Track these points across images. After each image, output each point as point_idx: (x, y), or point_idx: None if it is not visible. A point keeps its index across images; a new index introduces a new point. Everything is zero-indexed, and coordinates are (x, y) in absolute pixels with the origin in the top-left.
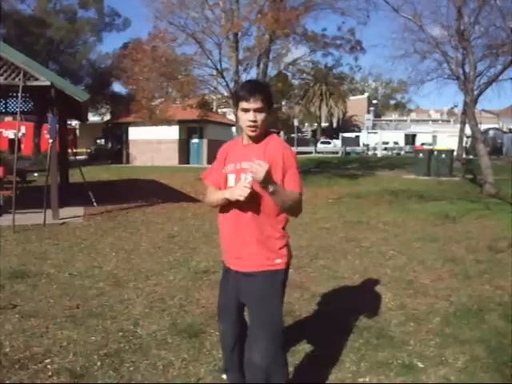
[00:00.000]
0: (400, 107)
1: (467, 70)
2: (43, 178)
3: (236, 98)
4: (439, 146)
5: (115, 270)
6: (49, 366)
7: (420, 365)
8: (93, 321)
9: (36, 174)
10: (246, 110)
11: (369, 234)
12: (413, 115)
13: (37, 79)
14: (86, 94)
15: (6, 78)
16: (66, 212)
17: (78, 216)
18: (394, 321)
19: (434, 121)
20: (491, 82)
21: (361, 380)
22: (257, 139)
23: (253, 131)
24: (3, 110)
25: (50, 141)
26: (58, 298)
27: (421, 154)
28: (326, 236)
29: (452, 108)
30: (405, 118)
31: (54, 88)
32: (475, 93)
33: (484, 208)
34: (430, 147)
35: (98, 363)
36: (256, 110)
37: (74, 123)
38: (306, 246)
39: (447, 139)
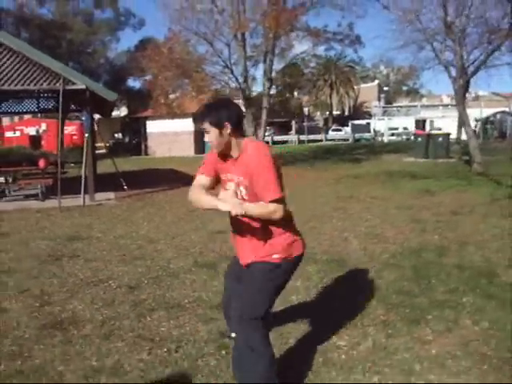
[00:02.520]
0: (412, 93)
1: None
2: (74, 170)
3: None
4: (447, 130)
5: (148, 234)
6: (112, 284)
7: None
8: (137, 261)
9: (72, 165)
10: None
11: (355, 205)
12: (424, 101)
13: (74, 83)
14: (114, 94)
15: (48, 84)
16: (99, 196)
17: (111, 199)
18: (354, 256)
19: (444, 106)
20: (477, 70)
21: (321, 286)
22: (230, 154)
23: (214, 148)
24: (31, 110)
25: (86, 135)
26: (109, 251)
27: (419, 138)
28: (319, 207)
29: None
30: (416, 103)
31: (88, 90)
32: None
33: (466, 184)
34: (439, 131)
35: (145, 282)
36: (205, 132)
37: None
38: (302, 214)
39: (454, 123)
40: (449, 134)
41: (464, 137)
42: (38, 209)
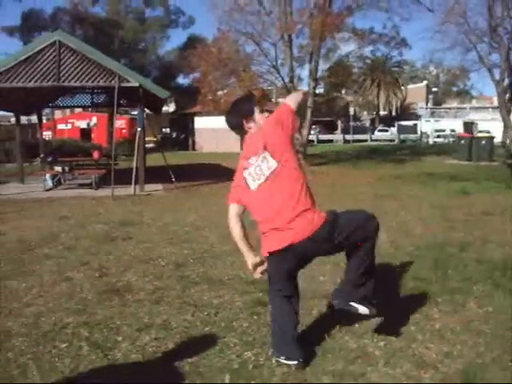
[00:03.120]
0: (462, 94)
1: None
2: (124, 162)
3: None
4: (496, 133)
5: (194, 221)
6: (161, 262)
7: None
8: (184, 244)
9: (124, 157)
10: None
11: (391, 202)
12: (474, 102)
13: (128, 81)
14: (166, 92)
15: (104, 81)
16: (148, 187)
17: (159, 190)
18: (380, 247)
19: (495, 108)
20: None
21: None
22: None
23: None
24: (84, 104)
25: (139, 129)
26: (158, 235)
27: (463, 141)
28: (355, 204)
29: None
30: (465, 105)
31: (141, 88)
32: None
33: (504, 187)
34: (488, 134)
35: (191, 261)
36: (253, 121)
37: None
38: (337, 208)
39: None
40: (492, 138)
41: None
42: (92, 196)
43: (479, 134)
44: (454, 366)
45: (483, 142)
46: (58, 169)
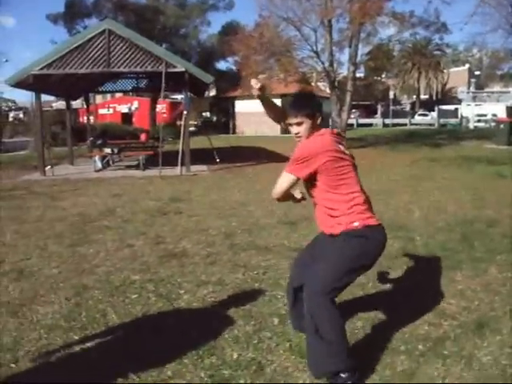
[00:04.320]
0: (506, 78)
1: None
2: (167, 145)
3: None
4: None
5: (239, 199)
6: (212, 232)
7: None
8: (231, 218)
9: (170, 139)
10: (290, 125)
11: (426, 183)
12: None
13: (175, 67)
14: (210, 77)
15: (152, 67)
16: (193, 168)
17: (204, 170)
18: (413, 222)
19: None
20: None
21: None
22: None
23: (298, 140)
24: (128, 89)
25: (185, 112)
26: (207, 210)
27: (502, 125)
28: (391, 184)
29: None
30: (509, 89)
31: (187, 73)
32: None
33: None
34: None
35: (239, 231)
36: (297, 124)
37: (180, 98)
38: (374, 189)
39: None
40: None
41: None
42: (141, 176)
43: None
44: (471, 317)
45: None
46: (108, 150)
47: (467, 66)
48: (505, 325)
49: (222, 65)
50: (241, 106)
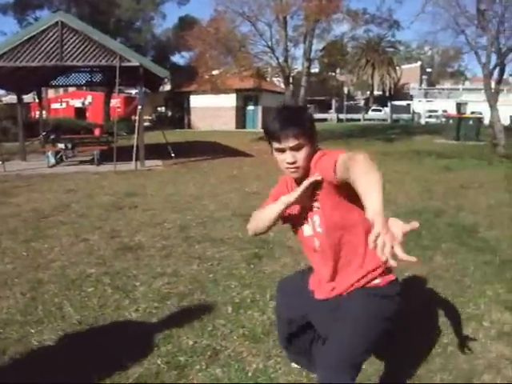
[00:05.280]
0: (456, 76)
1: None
2: (121, 140)
3: (266, 135)
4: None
5: (194, 193)
6: (167, 226)
7: None
8: (186, 211)
9: (125, 134)
10: (281, 151)
11: None
12: (467, 84)
13: (129, 61)
14: (166, 71)
15: (106, 61)
16: (148, 163)
17: (159, 165)
18: None
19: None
20: (505, 56)
21: None
22: (304, 178)
23: (295, 173)
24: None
25: (139, 107)
26: (162, 204)
27: (451, 121)
28: None
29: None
30: (458, 86)
31: (141, 67)
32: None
33: (486, 164)
34: (480, 116)
35: (193, 224)
36: (293, 149)
37: (134, 92)
38: None
39: (498, 108)
40: (480, 118)
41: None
42: (96, 172)
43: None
44: (415, 302)
45: (470, 122)
46: (61, 146)
47: (419, 63)
48: (448, 306)
49: (177, 59)
50: (196, 101)
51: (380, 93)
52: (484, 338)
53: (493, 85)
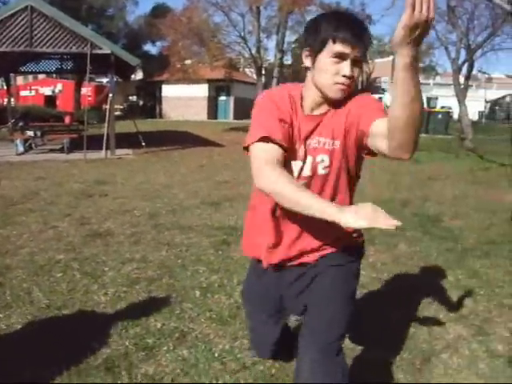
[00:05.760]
0: (427, 70)
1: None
2: (92, 129)
3: (319, 35)
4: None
5: (164, 181)
6: (136, 213)
7: None
8: (156, 199)
9: (95, 123)
10: (342, 57)
11: None
12: (438, 79)
13: (101, 48)
14: (137, 59)
15: (77, 48)
16: (119, 152)
17: (129, 154)
18: None
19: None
20: (474, 52)
21: None
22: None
23: (341, 92)
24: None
25: (110, 95)
26: (132, 192)
27: None
28: None
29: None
30: (429, 81)
31: (113, 55)
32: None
33: (453, 157)
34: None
35: (163, 212)
36: (356, 61)
37: (105, 81)
38: None
39: (468, 103)
40: (448, 112)
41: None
42: (65, 160)
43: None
44: (377, 285)
45: (439, 116)
46: (30, 133)
47: (391, 57)
48: (408, 292)
49: (149, 47)
50: (168, 91)
51: None
52: (444, 320)
53: (462, 80)
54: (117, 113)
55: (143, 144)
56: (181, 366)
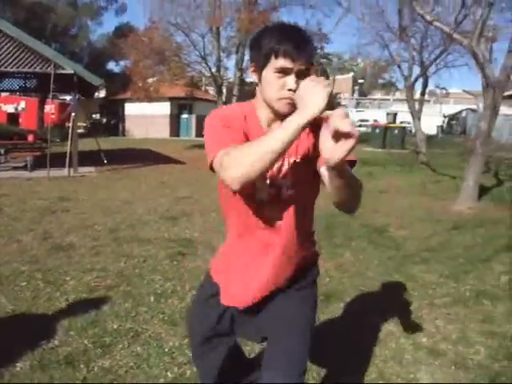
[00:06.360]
0: (387, 87)
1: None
2: (55, 147)
3: (261, 51)
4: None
5: (125, 198)
6: (97, 228)
7: None
8: (116, 215)
9: (58, 141)
10: (285, 72)
11: None
12: (398, 95)
13: (64, 68)
14: (99, 79)
15: (41, 68)
16: (81, 169)
17: (92, 172)
18: None
19: (415, 100)
20: (427, 69)
21: None
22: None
23: (291, 105)
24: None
25: (73, 114)
26: (93, 208)
27: (377, 130)
28: None
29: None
30: (388, 97)
31: (75, 75)
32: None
33: (407, 171)
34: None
35: (123, 227)
36: (300, 74)
37: (69, 98)
38: None
39: (426, 118)
40: (404, 127)
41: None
42: (29, 177)
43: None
44: (320, 290)
45: (396, 131)
46: None
47: (351, 74)
48: (348, 295)
49: (112, 66)
50: (131, 109)
51: None
52: (377, 319)
53: (417, 96)
54: (80, 130)
55: (105, 162)
56: (134, 360)
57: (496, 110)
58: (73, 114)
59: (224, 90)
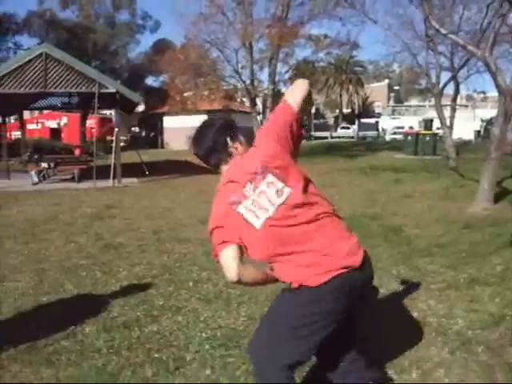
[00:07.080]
0: (424, 92)
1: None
2: (99, 160)
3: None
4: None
5: (166, 205)
6: (142, 230)
7: None
8: (158, 220)
9: (102, 154)
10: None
11: (331, 189)
12: (434, 101)
13: (107, 88)
14: (139, 97)
15: (86, 88)
16: (124, 180)
17: (134, 182)
18: None
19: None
20: (453, 77)
21: None
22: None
23: None
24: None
25: (116, 129)
26: (137, 214)
27: (409, 137)
28: None
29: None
30: (424, 103)
31: (117, 93)
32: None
33: (435, 177)
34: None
35: (164, 229)
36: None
37: (109, 113)
38: None
39: (463, 123)
40: (436, 134)
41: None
42: (77, 188)
43: (437, 131)
44: None
45: (427, 137)
46: (45, 165)
47: (387, 81)
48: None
49: (150, 80)
50: (169, 122)
51: (349, 111)
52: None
53: (458, 101)
54: (121, 144)
55: (147, 173)
56: (176, 326)
57: (508, 116)
58: (116, 130)
59: (258, 102)
